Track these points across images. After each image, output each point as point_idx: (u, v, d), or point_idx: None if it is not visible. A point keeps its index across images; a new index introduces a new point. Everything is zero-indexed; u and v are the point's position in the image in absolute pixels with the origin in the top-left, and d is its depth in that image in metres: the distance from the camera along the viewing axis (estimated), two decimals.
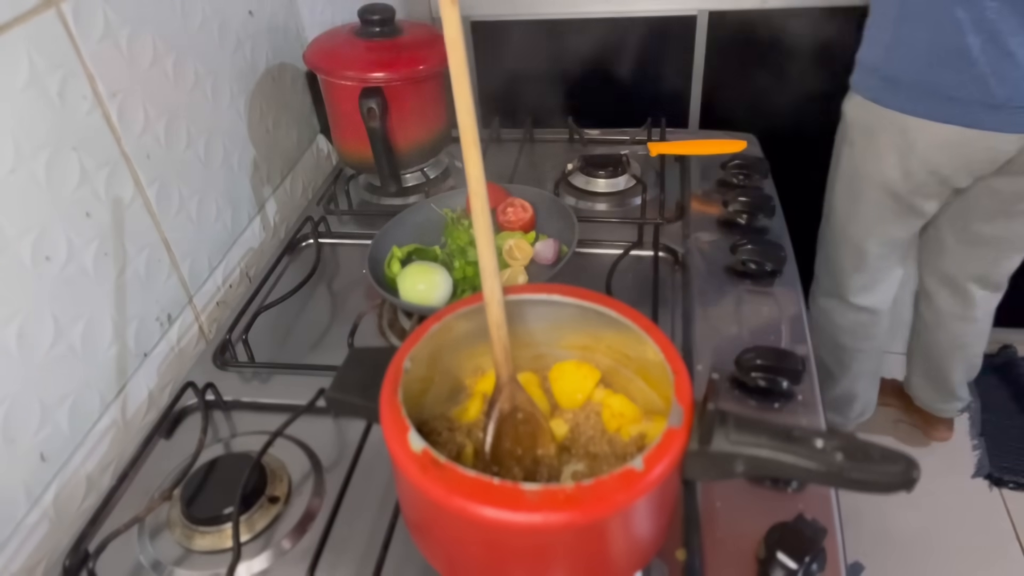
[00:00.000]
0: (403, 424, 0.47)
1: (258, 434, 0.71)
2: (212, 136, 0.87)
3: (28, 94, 0.61)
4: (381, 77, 0.93)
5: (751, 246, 0.84)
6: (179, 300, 0.82)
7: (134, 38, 0.73)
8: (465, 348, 0.60)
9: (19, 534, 0.62)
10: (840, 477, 0.44)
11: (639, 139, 1.13)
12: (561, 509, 0.42)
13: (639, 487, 0.43)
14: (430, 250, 0.88)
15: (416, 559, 0.59)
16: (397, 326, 0.85)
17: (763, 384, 0.69)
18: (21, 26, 0.60)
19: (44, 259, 0.63)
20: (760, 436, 0.45)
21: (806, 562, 0.53)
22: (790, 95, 1.41)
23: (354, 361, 0.59)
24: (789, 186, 1.04)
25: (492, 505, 0.42)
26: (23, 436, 0.62)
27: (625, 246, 0.90)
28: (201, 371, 0.80)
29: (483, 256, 0.53)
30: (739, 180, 1.01)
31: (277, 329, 0.85)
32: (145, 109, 0.75)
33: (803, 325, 0.77)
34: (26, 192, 0.61)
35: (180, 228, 0.82)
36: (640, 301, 0.82)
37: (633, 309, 0.56)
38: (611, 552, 0.48)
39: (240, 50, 0.93)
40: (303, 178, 1.12)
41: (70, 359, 0.67)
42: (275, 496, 0.65)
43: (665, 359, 0.51)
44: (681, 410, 0.47)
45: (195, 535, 0.62)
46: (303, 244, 1.00)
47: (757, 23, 1.33)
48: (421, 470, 0.45)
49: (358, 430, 0.70)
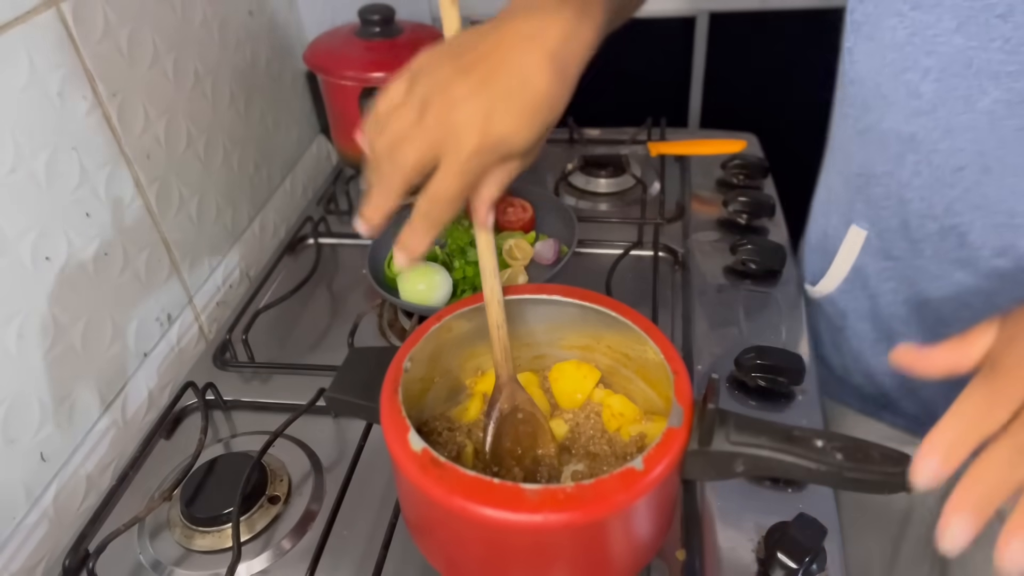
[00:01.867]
0: (403, 424, 0.47)
1: (258, 434, 0.71)
2: (212, 136, 0.87)
3: (28, 94, 0.61)
4: (381, 77, 0.93)
5: (751, 246, 0.84)
6: (179, 300, 0.82)
7: (134, 38, 0.73)
8: (465, 348, 0.60)
9: (19, 534, 0.62)
10: (840, 477, 0.44)
11: (639, 139, 1.13)
12: (561, 509, 0.42)
13: (639, 487, 0.43)
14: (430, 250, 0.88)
15: (416, 559, 0.59)
16: (397, 326, 0.85)
17: (763, 384, 0.69)
18: (21, 26, 0.60)
19: (44, 259, 0.63)
20: (760, 436, 0.45)
21: (806, 562, 0.53)
22: (790, 95, 1.41)
23: (354, 361, 0.59)
24: (789, 186, 1.04)
25: (492, 505, 0.42)
26: (23, 436, 0.62)
27: (625, 246, 0.90)
28: (201, 371, 0.80)
29: (483, 256, 0.53)
30: (739, 180, 1.01)
31: (277, 329, 0.85)
32: (145, 109, 0.75)
33: (803, 325, 0.77)
34: (26, 192, 0.61)
35: (180, 228, 0.82)
36: (640, 301, 0.82)
37: (633, 310, 0.56)
38: (611, 552, 0.48)
39: (240, 50, 0.93)
40: (303, 178, 1.12)
41: (70, 359, 0.67)
42: (275, 496, 0.65)
43: (665, 359, 0.51)
44: (681, 410, 0.47)
45: (195, 535, 0.62)
46: (303, 244, 1.00)
47: (757, 23, 1.33)
48: (421, 470, 0.45)
49: (358, 430, 0.70)
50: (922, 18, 0.55)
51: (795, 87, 1.40)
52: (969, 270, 0.65)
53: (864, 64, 0.62)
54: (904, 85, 0.59)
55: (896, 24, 0.57)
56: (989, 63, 0.53)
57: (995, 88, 0.54)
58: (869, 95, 0.63)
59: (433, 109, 0.44)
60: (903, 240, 0.68)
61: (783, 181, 1.03)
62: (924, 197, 0.64)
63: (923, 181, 0.63)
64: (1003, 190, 0.58)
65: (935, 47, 0.55)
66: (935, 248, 0.66)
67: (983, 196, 0.60)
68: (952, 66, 0.55)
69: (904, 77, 0.58)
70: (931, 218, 0.64)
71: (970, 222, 0.62)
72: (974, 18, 0.53)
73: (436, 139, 0.44)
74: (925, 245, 0.67)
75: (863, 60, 0.62)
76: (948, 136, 0.59)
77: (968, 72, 0.55)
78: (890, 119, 0.62)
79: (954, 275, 0.66)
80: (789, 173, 1.08)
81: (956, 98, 0.56)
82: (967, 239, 0.63)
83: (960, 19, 0.53)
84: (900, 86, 0.59)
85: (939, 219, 0.64)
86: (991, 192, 0.59)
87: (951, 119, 0.58)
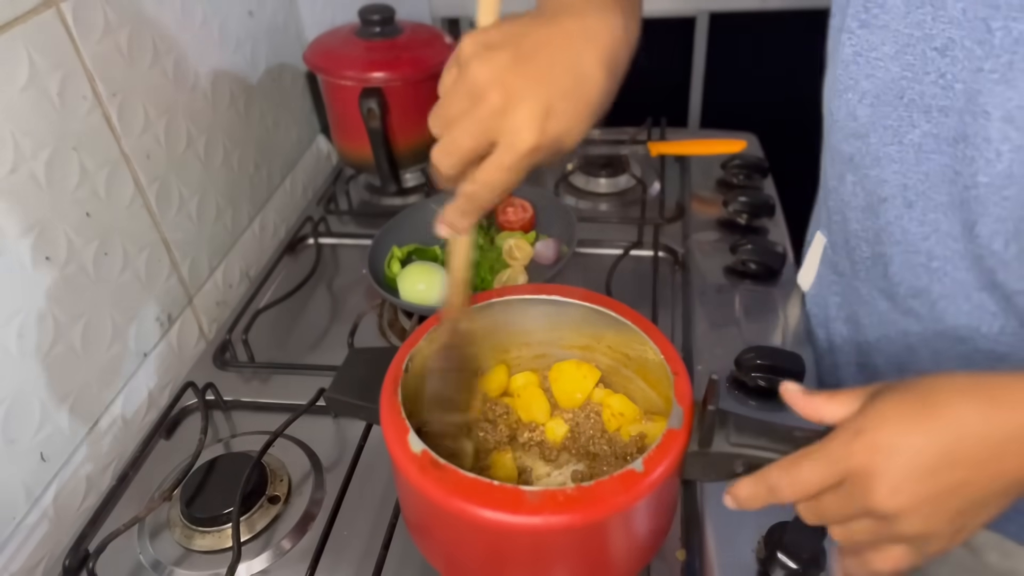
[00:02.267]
0: (403, 425, 0.47)
1: (258, 434, 0.71)
2: (212, 136, 0.87)
3: (28, 94, 0.61)
4: (381, 77, 0.93)
5: (751, 246, 0.84)
6: (179, 300, 0.82)
7: (134, 38, 0.73)
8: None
9: (19, 534, 0.62)
10: None
11: (639, 139, 1.13)
12: (561, 511, 0.42)
13: (639, 489, 0.43)
14: (430, 250, 0.88)
15: (416, 559, 0.59)
16: (397, 326, 0.85)
17: (763, 384, 0.68)
18: (21, 26, 0.60)
19: (44, 259, 0.63)
20: (760, 437, 0.45)
21: (806, 562, 0.53)
22: (790, 95, 1.41)
23: (354, 361, 0.59)
24: (789, 186, 1.04)
25: (492, 507, 0.42)
26: (23, 436, 0.62)
27: (625, 246, 0.90)
28: (201, 371, 0.80)
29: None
30: (739, 180, 1.01)
31: (277, 329, 0.85)
32: (145, 109, 0.75)
33: (803, 325, 0.77)
34: (26, 192, 0.61)
35: (180, 228, 0.82)
36: (640, 301, 0.82)
37: (633, 310, 0.56)
38: (611, 553, 0.48)
39: (240, 50, 0.93)
40: (303, 178, 1.12)
41: (70, 359, 0.67)
42: (275, 496, 0.65)
43: (665, 360, 0.51)
44: (681, 411, 0.47)
45: (195, 535, 0.62)
46: (303, 244, 1.00)
47: (757, 23, 1.33)
48: (421, 471, 0.45)
49: (358, 430, 0.70)
50: (868, 38, 0.54)
51: (795, 87, 1.40)
52: (891, 303, 0.64)
53: (826, 77, 0.62)
54: (845, 104, 0.58)
55: (846, 40, 0.56)
56: (922, 96, 0.52)
57: (925, 122, 0.53)
58: (824, 108, 0.63)
59: (490, 98, 0.43)
60: (845, 258, 0.68)
61: (783, 181, 1.03)
62: (859, 220, 0.63)
63: (859, 203, 0.62)
64: (924, 227, 0.57)
65: (874, 71, 0.54)
66: (867, 272, 0.65)
67: (903, 231, 0.58)
68: (886, 93, 0.54)
69: (845, 96, 0.57)
70: (865, 242, 0.63)
71: (891, 255, 0.61)
72: (912, 47, 0.51)
73: (492, 128, 0.44)
74: (860, 267, 0.66)
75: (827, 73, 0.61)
76: (877, 164, 0.57)
77: (900, 102, 0.54)
78: (835, 136, 0.61)
79: (880, 304, 0.65)
80: (789, 173, 1.08)
81: (886, 127, 0.55)
82: (888, 271, 0.62)
83: (899, 46, 0.52)
84: (842, 105, 0.58)
85: (871, 244, 0.63)
86: (912, 228, 0.58)
87: (880, 147, 0.56)
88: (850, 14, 0.55)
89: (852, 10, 0.55)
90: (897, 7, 0.52)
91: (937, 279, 0.58)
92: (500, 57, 0.44)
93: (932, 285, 0.59)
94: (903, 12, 0.51)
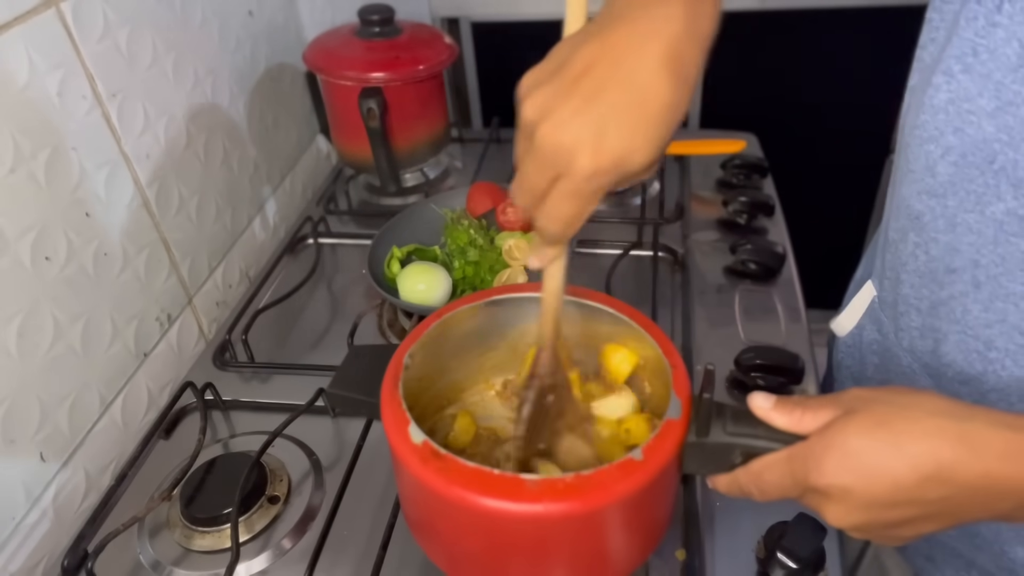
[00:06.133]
0: (404, 417, 0.48)
1: (258, 434, 0.71)
2: (212, 136, 0.87)
3: (28, 94, 0.61)
4: (381, 77, 0.93)
5: (751, 246, 0.84)
6: (179, 300, 0.82)
7: (134, 38, 0.73)
8: (465, 348, 0.60)
9: (19, 534, 0.62)
10: None
11: None
12: (561, 499, 0.42)
13: (639, 476, 0.44)
14: (430, 250, 0.88)
15: (415, 558, 0.59)
16: (397, 326, 0.85)
17: (763, 384, 0.69)
18: (21, 26, 0.60)
19: (44, 259, 0.63)
20: (757, 427, 0.45)
21: (806, 562, 0.53)
22: (790, 95, 1.41)
23: (354, 358, 0.59)
24: (789, 186, 1.04)
25: (492, 496, 0.43)
26: (23, 436, 0.62)
27: (625, 246, 0.90)
28: (200, 371, 0.80)
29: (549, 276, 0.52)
30: (739, 180, 1.01)
31: (277, 329, 0.85)
32: (145, 109, 0.75)
33: (803, 325, 0.77)
34: (26, 192, 0.61)
35: (180, 228, 0.82)
36: (640, 301, 0.82)
37: (630, 306, 0.56)
38: (611, 543, 0.48)
39: (240, 50, 0.93)
40: (303, 178, 1.12)
41: (70, 359, 0.67)
42: (275, 496, 0.65)
43: (662, 353, 0.51)
44: (679, 402, 0.47)
45: (194, 535, 0.62)
46: (303, 244, 1.00)
47: (757, 23, 1.33)
48: (422, 462, 0.45)
49: (357, 430, 0.70)
50: (966, 85, 0.47)
51: (795, 87, 1.40)
52: (935, 384, 0.58)
53: (906, 116, 0.54)
54: (924, 156, 0.51)
55: (941, 84, 0.48)
56: (1015, 166, 0.45)
57: (1012, 197, 0.46)
58: (897, 151, 0.55)
59: (541, 131, 0.41)
60: (891, 322, 0.62)
61: (783, 181, 1.03)
62: (914, 285, 0.57)
63: (917, 267, 0.56)
64: (989, 314, 0.51)
65: (964, 125, 0.47)
66: (912, 344, 0.59)
67: (965, 311, 0.52)
68: (974, 154, 0.47)
69: (927, 147, 0.50)
70: (917, 311, 0.57)
71: (945, 333, 0.55)
72: (1015, 108, 0.44)
73: (547, 162, 0.42)
74: (905, 336, 0.60)
75: (907, 110, 0.54)
76: (951, 230, 0.51)
77: (989, 168, 0.47)
78: (905, 187, 0.54)
79: (922, 381, 0.59)
80: (789, 173, 1.09)
81: (969, 192, 0.48)
82: (939, 349, 0.56)
83: (1001, 103, 0.45)
84: (921, 156, 0.51)
85: (923, 316, 0.57)
86: (975, 311, 0.52)
87: (958, 213, 0.50)
88: (952, 55, 0.47)
89: (955, 50, 0.47)
90: (1008, 58, 0.44)
91: (993, 371, 0.53)
92: (547, 90, 0.42)
93: (986, 376, 0.53)
94: (1014, 65, 0.44)
